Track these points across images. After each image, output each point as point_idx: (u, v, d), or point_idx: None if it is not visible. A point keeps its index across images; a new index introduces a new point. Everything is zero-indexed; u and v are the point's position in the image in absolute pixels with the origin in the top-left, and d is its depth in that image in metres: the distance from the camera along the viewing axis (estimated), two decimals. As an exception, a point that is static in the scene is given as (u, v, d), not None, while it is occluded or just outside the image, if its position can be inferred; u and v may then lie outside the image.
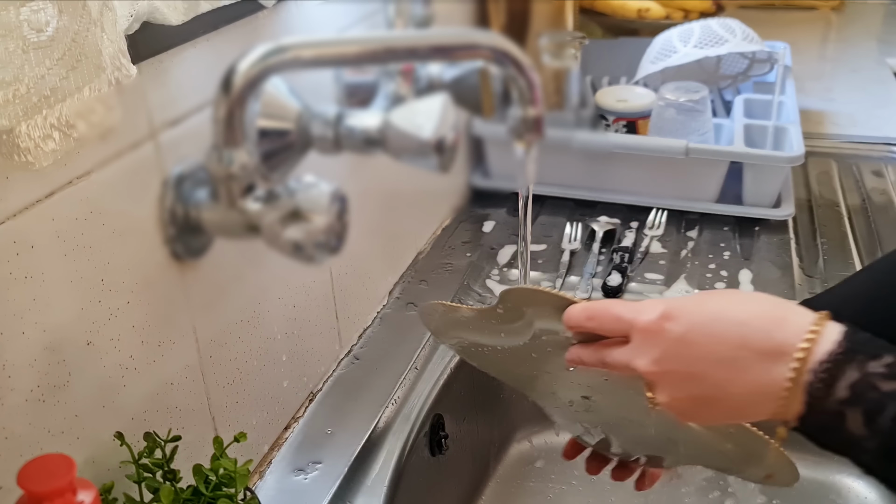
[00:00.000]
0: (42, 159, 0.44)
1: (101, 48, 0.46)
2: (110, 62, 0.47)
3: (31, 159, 0.44)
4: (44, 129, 0.44)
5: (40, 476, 0.43)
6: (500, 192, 1.20)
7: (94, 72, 0.46)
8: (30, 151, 0.43)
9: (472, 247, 1.09)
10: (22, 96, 0.42)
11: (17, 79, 0.41)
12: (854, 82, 1.64)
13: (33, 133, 0.43)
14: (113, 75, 0.47)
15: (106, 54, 0.47)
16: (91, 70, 0.46)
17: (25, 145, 0.43)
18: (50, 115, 0.44)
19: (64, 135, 0.45)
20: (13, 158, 0.43)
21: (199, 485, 0.57)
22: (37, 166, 0.44)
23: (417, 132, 0.57)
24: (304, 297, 0.79)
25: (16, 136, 0.42)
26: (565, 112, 1.18)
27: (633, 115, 1.20)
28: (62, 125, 0.45)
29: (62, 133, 0.45)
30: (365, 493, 0.72)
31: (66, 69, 0.44)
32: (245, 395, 0.71)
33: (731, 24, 1.24)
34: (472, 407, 0.94)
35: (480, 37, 0.54)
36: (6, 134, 0.42)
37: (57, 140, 0.45)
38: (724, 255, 1.05)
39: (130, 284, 0.56)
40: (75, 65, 0.45)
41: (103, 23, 0.46)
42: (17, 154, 0.43)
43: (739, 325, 0.49)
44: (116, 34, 0.48)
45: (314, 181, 0.54)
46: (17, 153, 0.43)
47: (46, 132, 0.44)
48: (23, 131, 0.43)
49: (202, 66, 0.61)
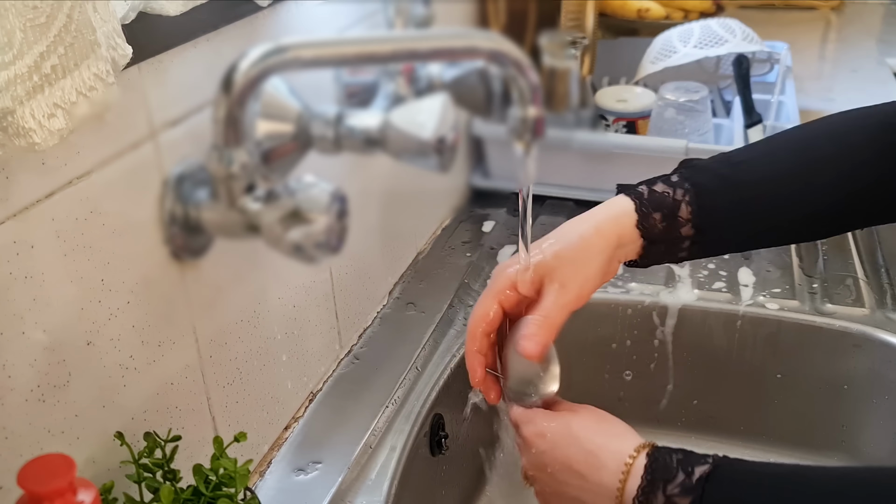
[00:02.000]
0: (48, 139, 0.43)
1: (94, 25, 0.45)
2: (105, 41, 0.47)
3: (37, 139, 0.43)
4: (47, 109, 0.43)
5: (40, 476, 0.43)
6: (500, 192, 1.20)
7: (89, 48, 0.45)
8: (35, 132, 0.42)
9: (472, 247, 1.09)
10: (22, 76, 0.41)
11: (17, 58, 0.41)
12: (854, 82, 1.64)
13: (37, 112, 0.42)
14: (109, 54, 0.47)
15: (100, 32, 0.46)
16: (87, 46, 0.45)
17: (29, 126, 0.42)
18: (51, 93, 0.43)
19: (68, 113, 0.44)
20: (17, 141, 0.42)
21: (200, 485, 0.57)
22: (42, 146, 0.43)
23: (417, 132, 0.57)
24: (304, 297, 0.79)
25: (20, 118, 0.42)
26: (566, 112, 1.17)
27: (633, 115, 1.20)
28: (65, 103, 0.44)
29: (65, 111, 0.44)
30: (365, 493, 0.72)
31: (64, 46, 0.43)
32: (245, 394, 0.71)
33: (731, 24, 1.24)
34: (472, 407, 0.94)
35: (480, 37, 0.54)
36: (10, 115, 0.42)
37: (61, 118, 0.44)
38: (724, 254, 1.05)
39: (130, 284, 0.56)
40: (72, 41, 0.44)
41: (95, 3, 0.46)
42: (21, 135, 0.42)
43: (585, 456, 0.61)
44: (109, 13, 0.47)
45: (314, 181, 0.54)
46: (22, 134, 0.42)
47: (50, 111, 0.43)
48: (26, 112, 0.42)
49: (202, 66, 0.61)
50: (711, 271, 1.02)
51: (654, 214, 0.65)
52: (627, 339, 1.00)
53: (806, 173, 0.66)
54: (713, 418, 1.01)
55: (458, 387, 0.89)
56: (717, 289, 0.98)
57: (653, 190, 0.66)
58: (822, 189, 0.66)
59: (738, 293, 0.97)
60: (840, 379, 0.94)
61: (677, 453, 0.59)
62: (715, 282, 1.00)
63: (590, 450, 0.61)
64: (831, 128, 0.70)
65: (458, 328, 0.93)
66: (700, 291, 0.98)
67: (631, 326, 0.99)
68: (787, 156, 0.67)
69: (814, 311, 0.94)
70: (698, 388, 1.00)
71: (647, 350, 0.99)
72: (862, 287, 0.98)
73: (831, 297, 0.96)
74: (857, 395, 0.94)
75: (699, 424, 1.01)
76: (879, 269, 1.02)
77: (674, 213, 0.65)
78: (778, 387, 0.97)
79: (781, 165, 0.67)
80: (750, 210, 0.66)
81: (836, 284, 0.99)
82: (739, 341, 0.96)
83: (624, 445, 0.60)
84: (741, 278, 1.00)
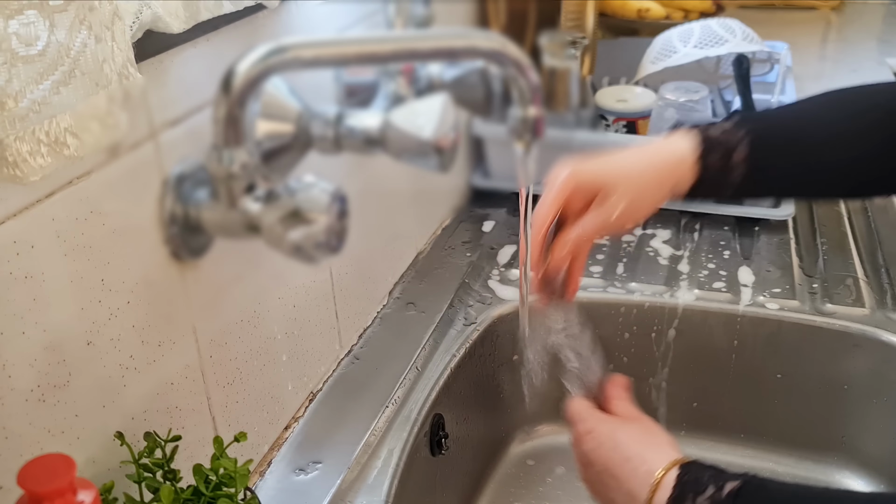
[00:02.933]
0: (30, 174, 0.44)
1: (101, 63, 0.46)
2: (116, 74, 0.47)
3: (19, 173, 0.43)
4: (31, 144, 0.43)
5: (40, 476, 0.43)
6: (500, 192, 1.20)
7: (91, 87, 0.45)
8: (17, 165, 0.43)
9: (472, 247, 1.09)
10: (9, 109, 0.41)
11: (3, 91, 0.41)
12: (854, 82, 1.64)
13: (21, 147, 0.43)
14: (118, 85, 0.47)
15: (108, 68, 0.46)
16: (88, 86, 0.45)
17: (13, 159, 0.42)
18: (39, 130, 0.43)
19: (53, 151, 0.44)
20: (3, 171, 0.42)
21: (200, 484, 0.57)
22: (25, 181, 0.43)
23: (418, 132, 0.57)
24: (304, 297, 0.79)
25: (4, 149, 0.42)
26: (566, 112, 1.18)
27: (633, 115, 1.20)
28: (52, 141, 0.44)
29: (51, 149, 0.44)
30: (365, 493, 0.72)
31: (59, 84, 0.43)
32: (245, 394, 0.71)
33: (731, 24, 1.24)
34: (472, 407, 0.94)
35: (480, 37, 0.54)
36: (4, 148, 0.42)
37: (45, 155, 0.44)
38: (724, 254, 1.05)
39: (130, 284, 0.56)
40: (68, 80, 0.44)
41: (114, 32, 0.46)
42: (5, 167, 0.42)
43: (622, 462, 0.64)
44: (126, 43, 0.48)
45: (314, 181, 0.54)
46: (6, 166, 0.42)
47: (35, 147, 0.43)
48: (11, 144, 0.42)
49: (202, 66, 0.61)
50: (711, 271, 1.02)
51: (713, 152, 0.68)
52: (627, 339, 1.00)
53: (856, 122, 0.70)
54: (713, 418, 1.01)
55: (458, 387, 0.89)
56: (717, 289, 0.98)
57: (710, 131, 0.70)
58: (870, 139, 0.69)
59: (738, 293, 0.97)
60: (840, 379, 0.94)
61: (710, 469, 0.60)
62: (715, 282, 1.00)
63: (627, 457, 0.64)
64: (886, 86, 0.74)
65: (458, 328, 0.93)
66: (700, 291, 0.98)
67: (631, 326, 0.99)
68: (839, 105, 0.72)
69: (814, 311, 0.94)
70: (698, 388, 1.00)
71: (647, 350, 0.99)
72: (862, 287, 0.98)
73: (831, 297, 0.96)
74: (857, 395, 0.94)
75: (699, 424, 1.01)
76: (879, 269, 1.02)
77: (730, 153, 0.68)
78: (778, 387, 0.97)
79: (833, 114, 0.71)
80: (802, 151, 0.69)
81: (836, 284, 0.99)
82: (739, 341, 0.96)
83: (660, 457, 0.63)
84: (741, 278, 1.00)
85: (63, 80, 0.44)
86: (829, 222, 1.13)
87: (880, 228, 1.11)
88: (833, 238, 1.09)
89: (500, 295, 0.99)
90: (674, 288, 0.99)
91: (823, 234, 1.10)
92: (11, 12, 0.41)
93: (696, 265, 1.03)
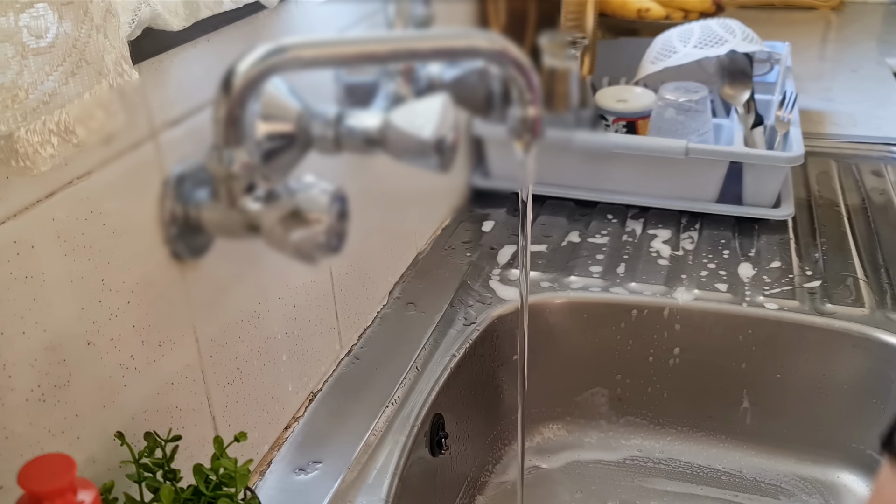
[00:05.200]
0: (40, 164, 0.44)
1: (103, 54, 0.46)
2: (113, 68, 0.47)
3: (30, 164, 0.43)
4: (42, 135, 0.44)
5: (40, 476, 0.43)
6: (500, 192, 1.20)
7: (95, 77, 0.46)
8: (28, 157, 0.43)
9: (472, 247, 1.09)
10: (21, 101, 0.42)
11: (15, 84, 0.41)
12: (854, 82, 1.64)
13: (32, 138, 0.43)
14: (115, 80, 0.47)
15: (108, 60, 0.47)
16: (92, 76, 0.45)
17: (24, 150, 0.43)
18: (49, 120, 0.44)
19: (63, 140, 0.45)
20: (12, 164, 0.43)
21: (200, 484, 0.57)
22: (35, 171, 0.44)
23: (418, 132, 0.57)
24: (304, 297, 0.79)
25: (14, 142, 0.42)
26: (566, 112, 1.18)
27: (632, 115, 1.20)
28: (61, 131, 0.45)
29: (61, 138, 0.45)
30: (365, 493, 0.72)
31: (67, 75, 0.44)
32: (245, 394, 0.71)
33: (731, 24, 1.24)
34: (472, 407, 0.94)
35: (480, 37, 0.54)
36: (4, 139, 0.42)
37: (55, 145, 0.45)
38: (724, 254, 1.05)
39: (131, 284, 0.56)
40: (76, 70, 0.44)
41: (106, 29, 0.46)
42: (15, 159, 0.43)
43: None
44: (119, 40, 0.48)
45: (314, 181, 0.54)
46: (16, 158, 0.43)
47: (45, 137, 0.44)
48: (22, 136, 0.43)
49: (202, 66, 0.61)
50: (711, 271, 1.02)
51: None
52: (627, 338, 1.00)
53: None
54: (713, 418, 1.01)
55: (458, 387, 0.89)
56: (716, 289, 0.98)
57: None
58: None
59: (738, 293, 0.97)
60: (840, 379, 0.94)
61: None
62: (715, 282, 1.00)
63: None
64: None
65: (458, 328, 0.93)
66: (700, 291, 0.98)
67: (631, 326, 0.99)
68: None
69: (814, 311, 0.94)
70: (698, 388, 1.00)
71: (646, 350, 0.99)
72: (862, 287, 0.98)
73: (831, 297, 0.96)
74: (857, 395, 0.94)
75: (699, 424, 1.01)
76: (879, 269, 1.02)
77: None
78: (778, 387, 0.97)
79: None
80: None
81: (836, 284, 0.99)
82: (739, 341, 0.96)
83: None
84: (741, 278, 1.00)
85: (71, 70, 0.44)
86: (828, 222, 1.13)
87: (880, 228, 1.11)
88: (833, 238, 1.09)
89: (501, 295, 0.99)
90: (674, 288, 0.99)
91: (823, 234, 1.10)
92: (23, 6, 0.41)
93: (696, 265, 1.03)
